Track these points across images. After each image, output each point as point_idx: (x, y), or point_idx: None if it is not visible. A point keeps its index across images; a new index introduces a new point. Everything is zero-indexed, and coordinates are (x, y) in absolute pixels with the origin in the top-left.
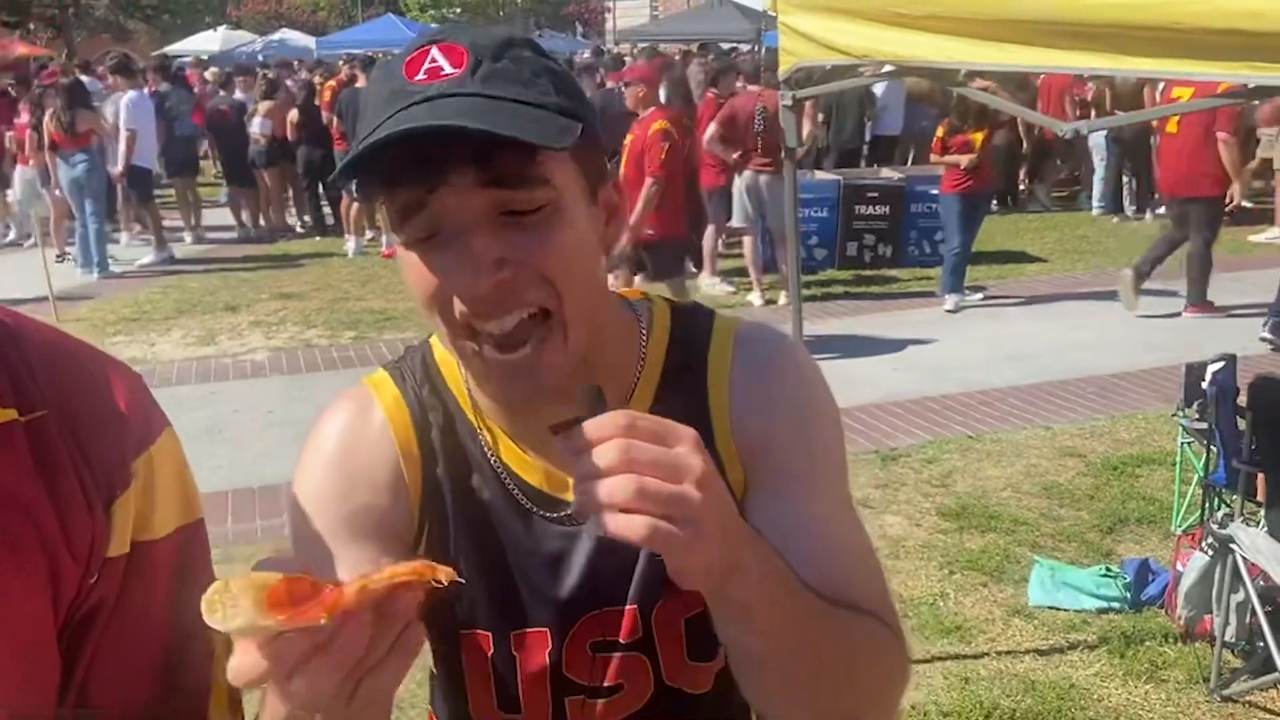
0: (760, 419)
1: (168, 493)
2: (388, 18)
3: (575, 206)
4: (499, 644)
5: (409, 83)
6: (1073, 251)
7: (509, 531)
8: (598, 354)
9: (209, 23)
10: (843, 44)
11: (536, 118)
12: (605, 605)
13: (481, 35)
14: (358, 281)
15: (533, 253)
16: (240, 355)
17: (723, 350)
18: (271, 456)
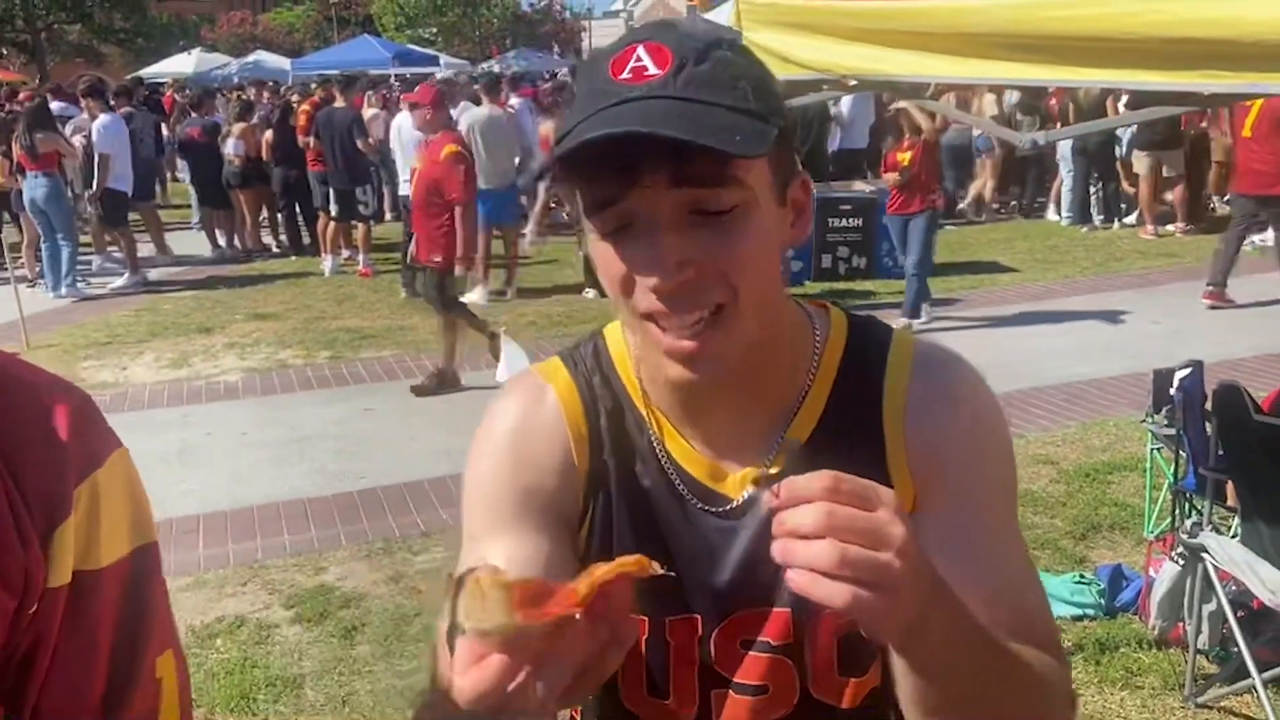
0: (937, 438)
1: (115, 518)
2: (363, 38)
3: (765, 206)
4: (653, 629)
5: (613, 81)
6: (1043, 261)
7: (669, 520)
8: (770, 354)
9: (183, 46)
10: (805, 59)
11: (732, 125)
12: (759, 604)
13: (688, 36)
14: (334, 300)
15: (718, 254)
16: (214, 377)
17: (901, 364)
18: (244, 479)
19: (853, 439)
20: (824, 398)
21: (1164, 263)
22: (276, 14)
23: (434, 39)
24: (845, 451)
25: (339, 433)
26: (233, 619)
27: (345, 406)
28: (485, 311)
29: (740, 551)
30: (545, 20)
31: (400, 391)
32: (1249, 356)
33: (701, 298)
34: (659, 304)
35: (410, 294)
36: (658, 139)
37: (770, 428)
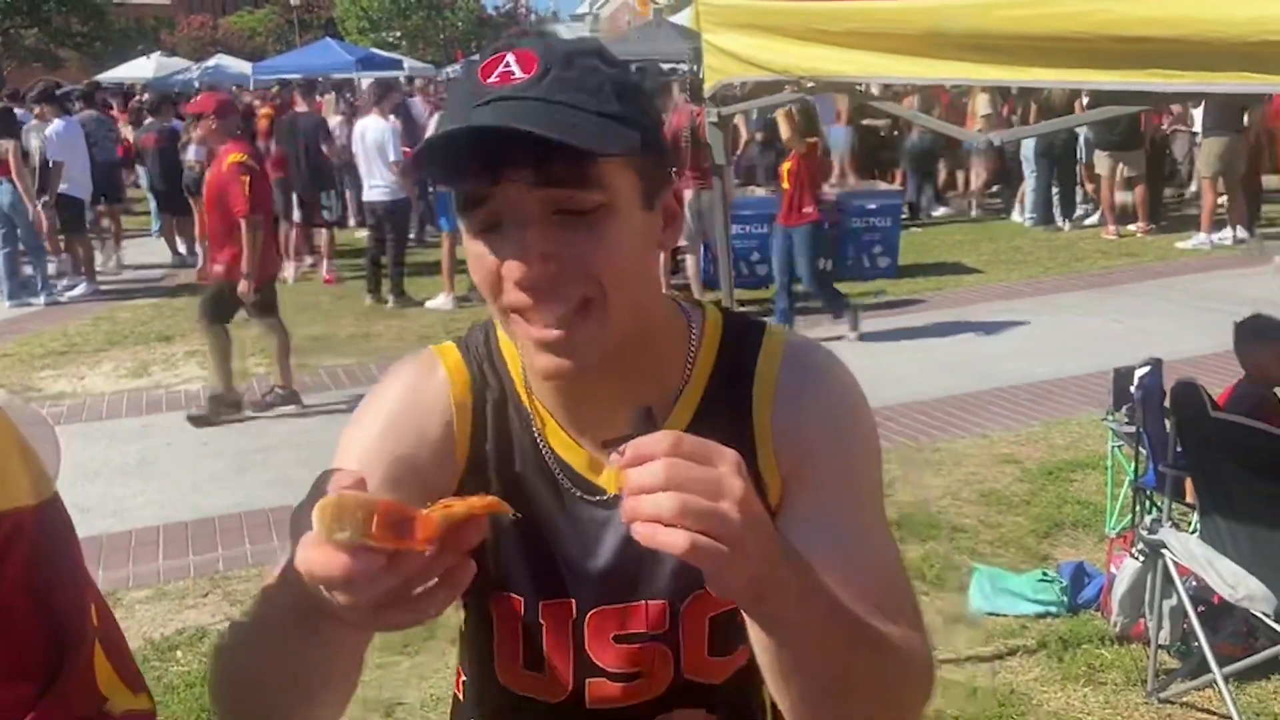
0: (801, 432)
1: (11, 472)
2: (325, 41)
3: (629, 210)
4: (528, 609)
5: (481, 84)
6: (1007, 262)
7: (547, 508)
8: (645, 353)
9: (141, 50)
10: (764, 60)
11: (591, 125)
12: (633, 594)
13: (556, 44)
14: (296, 308)
15: (580, 250)
16: (174, 386)
17: (770, 362)
18: (204, 490)
19: (725, 434)
20: (699, 393)
21: (1125, 262)
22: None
23: (398, 43)
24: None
25: (303, 441)
26: (194, 630)
27: (309, 416)
28: (452, 317)
29: (615, 541)
30: (510, 24)
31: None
32: (1209, 354)
33: (565, 291)
34: (525, 297)
35: (375, 300)
36: (518, 137)
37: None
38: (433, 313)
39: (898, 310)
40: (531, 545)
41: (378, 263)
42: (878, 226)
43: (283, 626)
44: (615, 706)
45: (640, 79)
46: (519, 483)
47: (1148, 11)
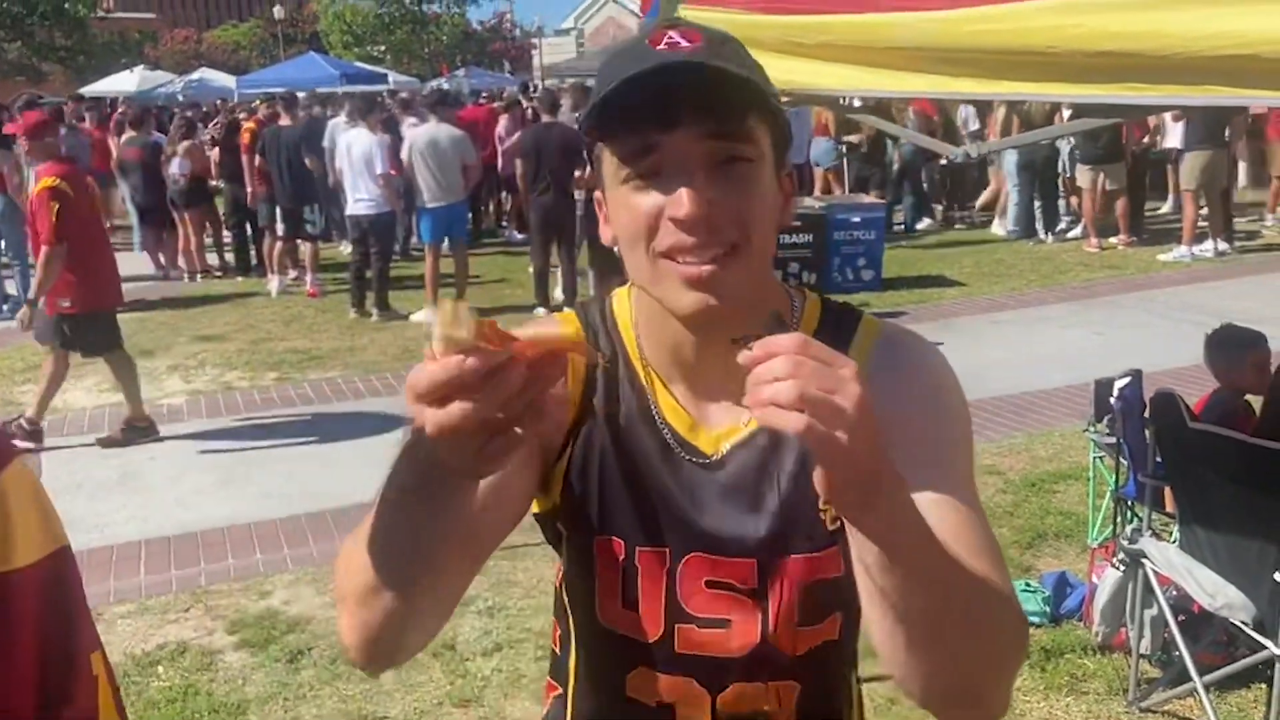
0: (893, 410)
1: (30, 521)
2: (309, 55)
3: (770, 170)
4: (627, 553)
5: (652, 50)
6: (990, 275)
7: (649, 462)
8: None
9: (125, 63)
10: None
11: (758, 89)
12: (726, 549)
13: (710, 30)
14: (281, 321)
15: (737, 198)
16: (157, 400)
17: (865, 343)
18: (187, 504)
19: None
20: None
21: (1107, 275)
22: (222, 31)
23: (382, 57)
24: None
25: (285, 455)
26: (175, 645)
27: (292, 429)
28: None
29: (713, 498)
30: (495, 38)
31: (348, 412)
32: (1189, 365)
33: (720, 235)
34: (684, 237)
35: (359, 314)
36: (695, 90)
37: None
38: (417, 326)
39: None
40: (634, 493)
41: (362, 276)
42: (862, 240)
43: (400, 500)
44: (703, 655)
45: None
46: (625, 437)
47: (1120, 26)
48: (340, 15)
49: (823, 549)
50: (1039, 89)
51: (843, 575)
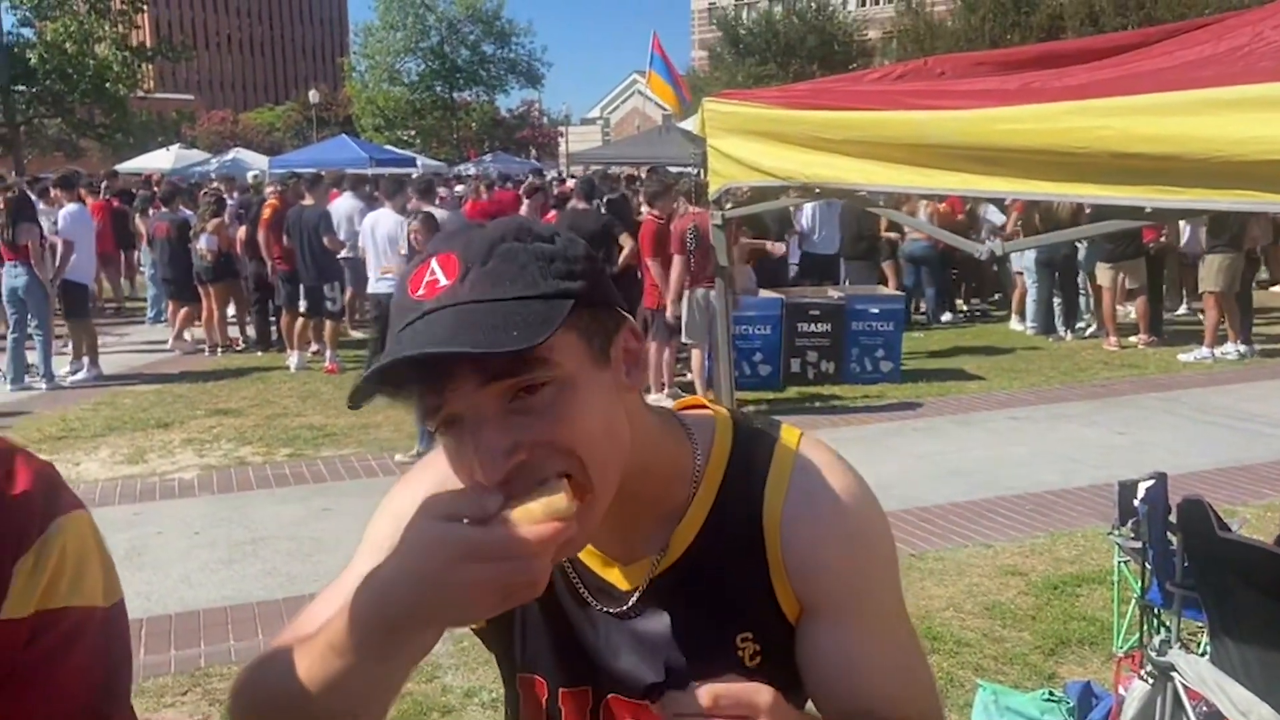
0: (813, 549)
1: (83, 568)
2: (340, 138)
3: (581, 373)
4: (551, 693)
5: (410, 297)
6: (1009, 370)
7: (567, 604)
8: (645, 480)
9: (161, 142)
10: (768, 166)
11: (516, 317)
12: (648, 694)
13: (475, 239)
14: (298, 397)
15: (544, 430)
16: (169, 474)
17: (781, 474)
18: (192, 581)
19: (734, 548)
20: (706, 507)
21: (1127, 374)
22: (257, 113)
23: (412, 141)
24: (727, 561)
25: (295, 533)
26: None
27: (303, 506)
28: None
29: (628, 644)
30: (522, 125)
31: (359, 491)
32: (1211, 469)
33: (541, 472)
34: (506, 490)
35: None
36: (455, 333)
37: (655, 533)
38: None
39: (900, 415)
40: (553, 634)
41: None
42: (880, 330)
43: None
44: None
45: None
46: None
47: (1147, 129)
48: (373, 100)
49: None
50: (1066, 189)
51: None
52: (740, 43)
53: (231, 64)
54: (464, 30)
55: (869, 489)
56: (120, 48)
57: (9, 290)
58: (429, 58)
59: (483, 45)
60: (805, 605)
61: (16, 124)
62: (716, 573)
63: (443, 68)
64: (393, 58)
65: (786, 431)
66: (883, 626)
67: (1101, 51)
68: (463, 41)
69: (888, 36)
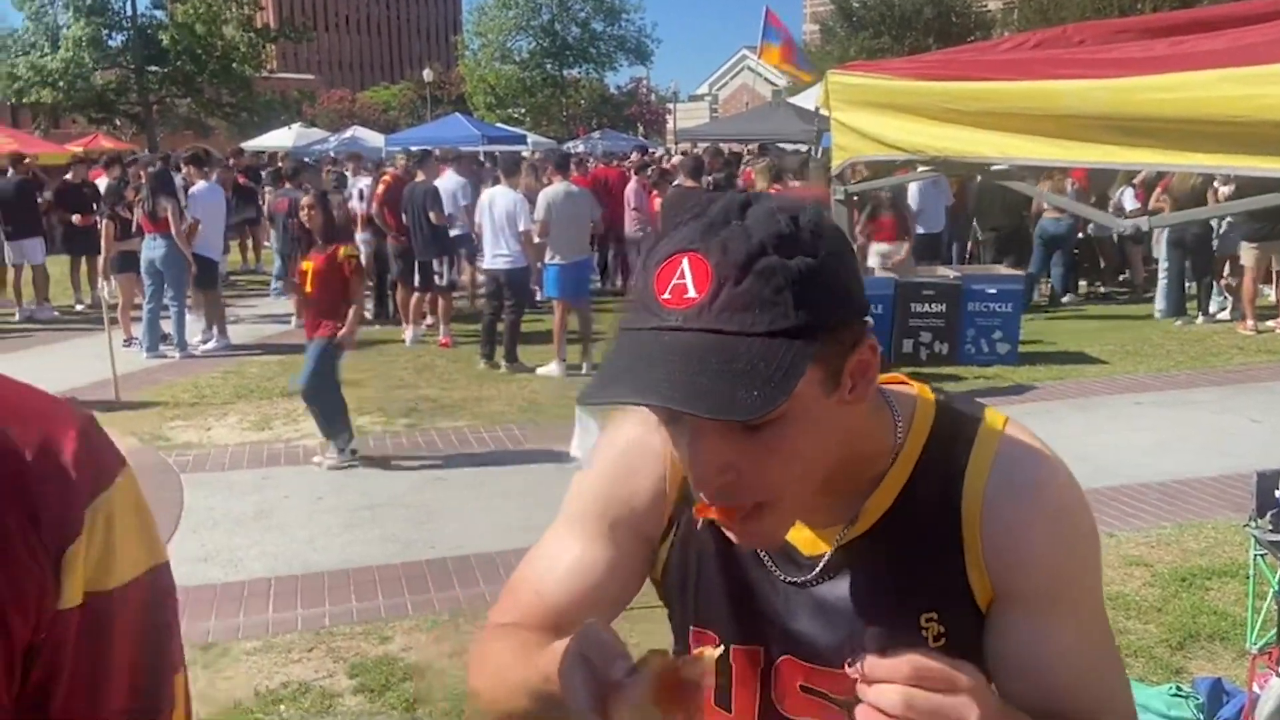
0: (1014, 537)
1: (127, 538)
2: (454, 116)
3: (809, 408)
4: (723, 648)
5: (655, 298)
6: (1134, 354)
7: (746, 564)
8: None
9: (284, 120)
10: (896, 139)
11: (760, 371)
12: (821, 658)
13: (735, 244)
14: (414, 369)
15: (757, 461)
16: (294, 441)
17: (983, 456)
18: (317, 545)
19: (927, 525)
20: (901, 482)
21: (1265, 359)
22: (374, 92)
23: (523, 119)
24: (918, 537)
25: (411, 501)
26: (297, 685)
27: (419, 475)
28: (561, 384)
29: (807, 609)
30: (631, 103)
31: (472, 462)
32: None
33: (740, 496)
34: (704, 496)
35: (488, 365)
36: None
37: (847, 500)
38: (543, 379)
39: (1017, 398)
40: (729, 590)
41: (493, 329)
42: (998, 312)
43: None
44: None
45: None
46: (723, 538)
47: None
48: (485, 78)
49: None
50: (1219, 161)
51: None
52: (854, 16)
53: (350, 44)
54: (574, 7)
55: (1076, 481)
56: (246, 29)
57: (147, 262)
58: (540, 35)
59: (593, 22)
60: (999, 592)
61: (149, 103)
62: (906, 548)
63: (553, 45)
64: (505, 36)
65: (991, 414)
66: (1081, 623)
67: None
68: (573, 19)
69: (1008, 7)
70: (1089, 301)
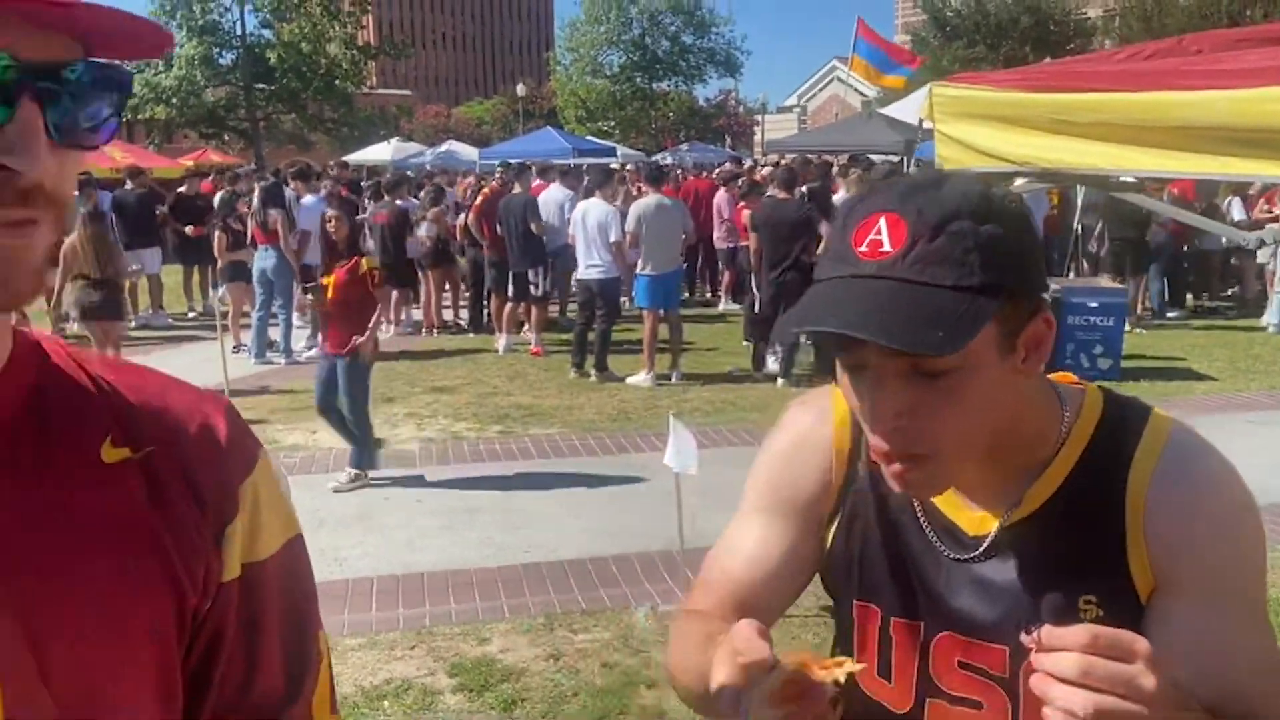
0: (1178, 527)
1: (272, 512)
2: (546, 130)
3: (985, 367)
4: (884, 622)
5: (851, 248)
6: (1245, 371)
7: (909, 539)
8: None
9: (383, 135)
10: (1003, 152)
11: (946, 316)
12: (980, 634)
13: (929, 208)
14: (506, 377)
15: (931, 408)
16: (394, 445)
17: (1151, 449)
18: (415, 546)
19: (1091, 511)
20: (1068, 467)
21: None
22: (468, 107)
23: (612, 131)
24: (1081, 522)
25: (506, 505)
26: (399, 682)
27: (513, 480)
28: (651, 394)
29: (968, 585)
30: (719, 114)
31: (565, 469)
32: None
33: (911, 441)
34: (878, 440)
35: (579, 374)
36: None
37: (1011, 484)
38: (633, 388)
39: None
40: (892, 565)
41: (584, 338)
42: (1099, 326)
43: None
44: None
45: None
46: (887, 513)
47: None
48: (576, 92)
49: None
50: None
51: None
52: (947, 25)
53: (445, 60)
54: (665, 22)
55: (1246, 484)
56: (349, 46)
57: (259, 271)
58: (630, 49)
59: (683, 36)
60: (1161, 580)
61: (256, 119)
62: (1068, 532)
63: (643, 59)
64: (596, 50)
65: (1159, 412)
66: (1244, 618)
67: None
68: (663, 33)
69: (1109, 15)
70: (1195, 315)
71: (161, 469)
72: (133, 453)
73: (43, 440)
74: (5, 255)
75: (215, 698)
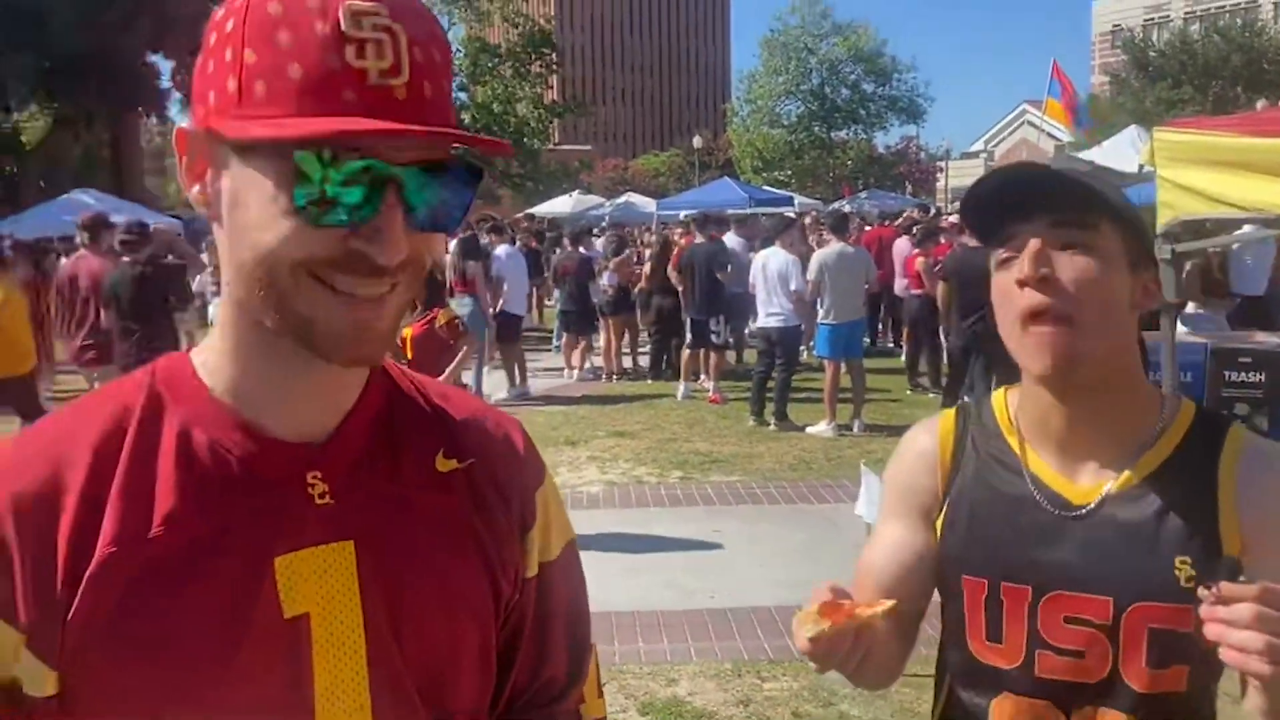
0: (1263, 500)
1: (558, 518)
2: (723, 180)
3: (1112, 261)
4: (992, 589)
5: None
6: None
7: (1019, 509)
8: (1116, 403)
9: (564, 188)
10: (1233, 197)
11: (1095, 191)
12: (1084, 587)
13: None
14: (685, 424)
15: (1068, 275)
16: (578, 487)
17: (1235, 445)
18: (605, 585)
19: (1188, 488)
20: (1169, 449)
21: None
22: (645, 159)
23: (789, 180)
24: (1177, 494)
25: (689, 550)
26: None
27: (695, 526)
28: (832, 444)
29: (1075, 544)
30: (900, 162)
31: (746, 516)
32: None
33: (1056, 295)
34: (1027, 299)
35: (758, 422)
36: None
37: (1116, 457)
38: (813, 438)
39: None
40: (1003, 534)
41: (764, 386)
42: None
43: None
44: (1059, 679)
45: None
46: (994, 489)
47: None
48: (753, 142)
49: (1174, 602)
50: None
51: (1192, 632)
52: (1149, 66)
53: (624, 115)
54: (845, 70)
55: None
56: (536, 106)
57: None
58: (809, 99)
59: (863, 84)
60: (1250, 544)
61: None
62: (1165, 503)
63: (822, 108)
64: (773, 101)
65: (1237, 423)
66: None
67: None
68: (843, 81)
69: None
70: None
71: (479, 479)
72: (459, 464)
73: (392, 449)
74: (360, 325)
75: (513, 679)
